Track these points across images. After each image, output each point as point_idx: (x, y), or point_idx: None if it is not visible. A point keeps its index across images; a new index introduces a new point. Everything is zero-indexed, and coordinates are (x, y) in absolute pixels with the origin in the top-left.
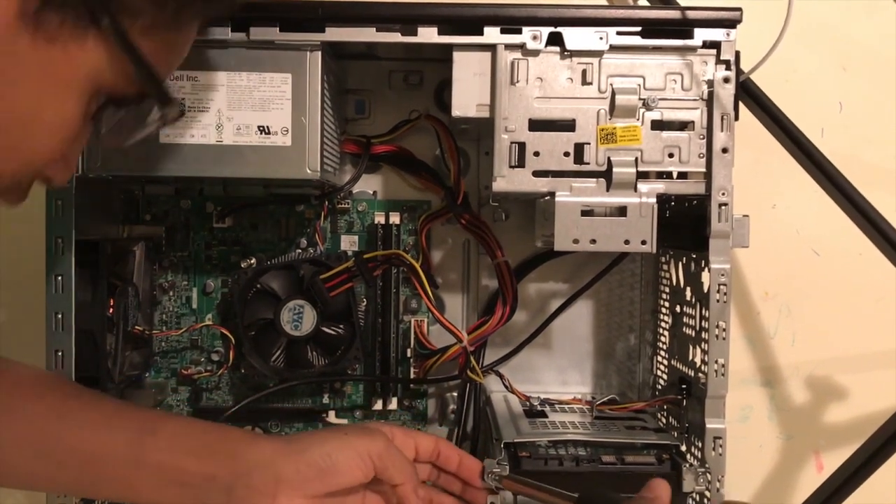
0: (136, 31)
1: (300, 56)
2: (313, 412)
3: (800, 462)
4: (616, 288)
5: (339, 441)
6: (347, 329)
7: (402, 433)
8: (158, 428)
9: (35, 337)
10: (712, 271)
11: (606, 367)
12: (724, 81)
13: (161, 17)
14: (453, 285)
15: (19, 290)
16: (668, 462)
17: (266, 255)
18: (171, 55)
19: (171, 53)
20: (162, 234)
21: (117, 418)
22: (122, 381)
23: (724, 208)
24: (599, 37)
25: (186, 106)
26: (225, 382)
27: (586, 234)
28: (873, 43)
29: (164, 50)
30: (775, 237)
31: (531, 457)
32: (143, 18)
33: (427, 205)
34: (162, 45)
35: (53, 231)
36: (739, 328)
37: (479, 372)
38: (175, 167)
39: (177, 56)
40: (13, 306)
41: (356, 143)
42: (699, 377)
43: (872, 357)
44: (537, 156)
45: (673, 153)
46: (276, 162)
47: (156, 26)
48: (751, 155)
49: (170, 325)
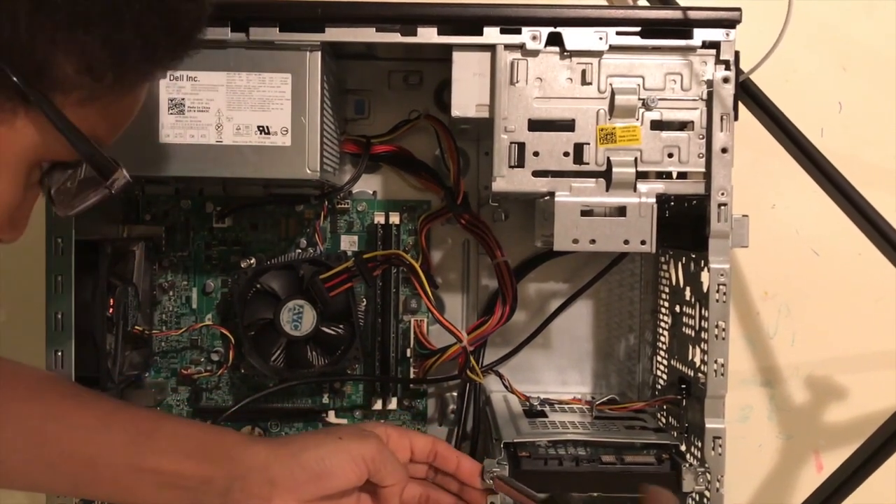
0: (71, 103)
1: (300, 56)
2: (313, 412)
3: (799, 462)
4: (616, 288)
5: (334, 445)
6: (347, 329)
7: (398, 434)
8: (155, 430)
9: (35, 337)
10: (712, 271)
11: (606, 367)
12: (724, 81)
13: (99, 87)
14: (453, 285)
15: (19, 290)
16: (667, 462)
17: (266, 255)
18: (116, 119)
19: (116, 117)
20: (162, 234)
21: (114, 420)
22: (122, 381)
23: (724, 208)
24: (599, 37)
25: (186, 106)
26: (225, 382)
27: (586, 234)
28: (873, 43)
29: (109, 115)
30: (775, 237)
31: (531, 457)
32: (77, 91)
33: (427, 205)
34: (103, 112)
35: (53, 231)
36: (739, 328)
37: (478, 372)
38: (175, 167)
39: (125, 117)
40: (13, 306)
41: (356, 143)
42: (699, 377)
43: (872, 357)
44: (537, 156)
45: (672, 153)
46: (276, 162)
47: (95, 97)
48: (750, 155)
49: (170, 325)
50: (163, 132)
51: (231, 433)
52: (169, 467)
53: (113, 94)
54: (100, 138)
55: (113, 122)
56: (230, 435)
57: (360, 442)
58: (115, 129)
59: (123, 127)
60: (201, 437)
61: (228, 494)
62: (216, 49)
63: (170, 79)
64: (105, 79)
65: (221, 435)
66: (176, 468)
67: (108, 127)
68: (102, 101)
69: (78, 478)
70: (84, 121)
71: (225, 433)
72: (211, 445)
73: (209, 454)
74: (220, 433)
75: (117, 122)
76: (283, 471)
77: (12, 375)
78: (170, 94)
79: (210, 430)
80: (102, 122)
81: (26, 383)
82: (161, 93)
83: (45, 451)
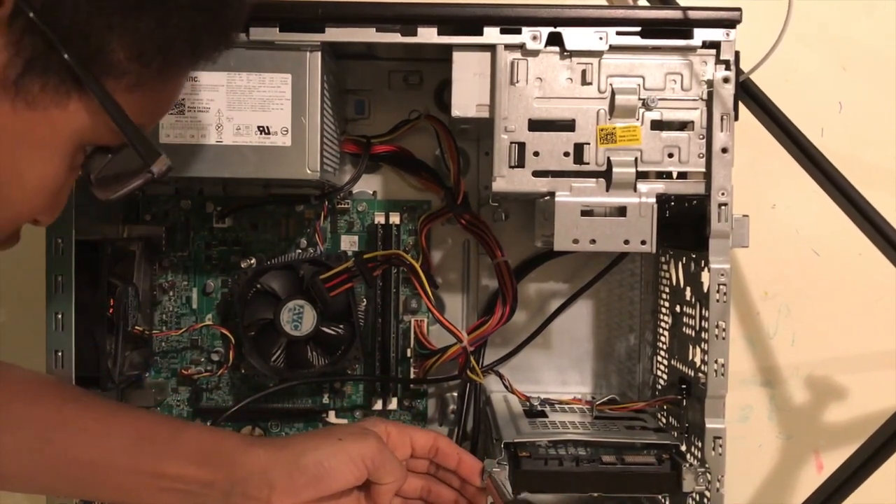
0: (121, 88)
1: (300, 56)
2: (313, 412)
3: (800, 462)
4: (616, 288)
5: (332, 447)
6: (347, 329)
7: (398, 430)
8: (156, 434)
9: (35, 337)
10: (712, 271)
11: (606, 367)
12: (724, 81)
13: (146, 74)
14: (453, 285)
15: (19, 290)
16: (667, 462)
17: (266, 255)
18: (159, 106)
19: (159, 104)
20: (162, 234)
21: (115, 423)
22: (122, 382)
23: (724, 208)
24: (599, 37)
25: (186, 106)
26: (225, 382)
27: (586, 234)
28: (873, 43)
29: (152, 102)
30: (775, 237)
31: (531, 457)
32: (127, 77)
33: (427, 205)
34: (149, 99)
35: (54, 231)
36: (739, 328)
37: (478, 372)
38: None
39: (166, 105)
40: (13, 306)
41: (356, 143)
42: (699, 377)
43: (872, 357)
44: (537, 156)
45: (672, 153)
46: (276, 162)
47: (141, 82)
48: (750, 155)
49: (170, 325)
50: (163, 132)
51: (231, 436)
52: (170, 471)
53: (158, 82)
54: (142, 124)
55: (155, 108)
56: (230, 438)
57: (359, 442)
58: (156, 115)
59: (163, 114)
60: (201, 440)
61: (229, 498)
62: None
63: None
64: (153, 65)
65: (221, 438)
66: (177, 472)
67: (151, 113)
68: (147, 88)
69: (79, 481)
70: (130, 106)
71: (225, 436)
72: (211, 449)
73: (209, 458)
74: (220, 436)
75: (159, 109)
76: (282, 474)
77: (12, 380)
78: None
79: (210, 433)
80: (146, 108)
81: (26, 387)
82: None
83: (47, 455)
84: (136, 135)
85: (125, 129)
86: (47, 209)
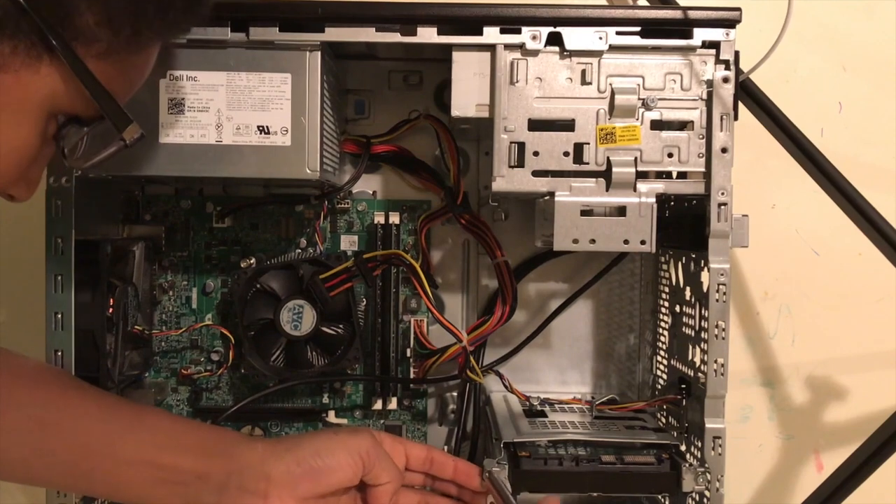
0: (92, 55)
1: (300, 56)
2: (313, 412)
3: (800, 462)
4: (616, 288)
5: (330, 440)
6: (347, 329)
7: (391, 439)
8: (155, 425)
9: (35, 337)
10: (712, 271)
11: (606, 367)
12: (724, 81)
13: (117, 41)
14: (453, 285)
15: (19, 290)
16: (667, 462)
17: (266, 255)
18: (130, 76)
19: (130, 74)
20: (162, 234)
21: (115, 412)
22: (121, 381)
23: (724, 208)
24: (599, 37)
25: (186, 106)
26: (225, 382)
27: (586, 233)
28: (873, 43)
29: (122, 72)
30: (775, 237)
31: (531, 456)
32: (98, 44)
33: (427, 205)
34: (119, 68)
35: (53, 231)
36: (739, 328)
37: (478, 372)
38: (175, 167)
39: (137, 76)
40: (13, 306)
41: (356, 143)
42: (699, 377)
43: (872, 357)
44: (537, 156)
45: (672, 153)
46: (276, 162)
47: (112, 51)
48: (750, 155)
49: (169, 325)
50: (162, 132)
51: (229, 431)
52: (166, 461)
53: (127, 51)
54: (115, 93)
55: (127, 79)
56: (228, 433)
57: (355, 437)
58: (128, 87)
59: (136, 87)
60: (200, 433)
61: (224, 491)
62: (216, 49)
63: (169, 79)
64: (123, 32)
65: (220, 432)
66: (173, 462)
67: (123, 84)
68: (118, 57)
69: (75, 468)
70: (102, 75)
71: (223, 431)
72: (209, 441)
73: (207, 450)
74: (218, 431)
75: (131, 80)
76: (279, 465)
77: (15, 364)
78: (169, 94)
79: (209, 427)
80: (117, 77)
81: (29, 373)
82: (161, 93)
83: (45, 438)
84: (106, 101)
85: (95, 94)
86: (19, 180)
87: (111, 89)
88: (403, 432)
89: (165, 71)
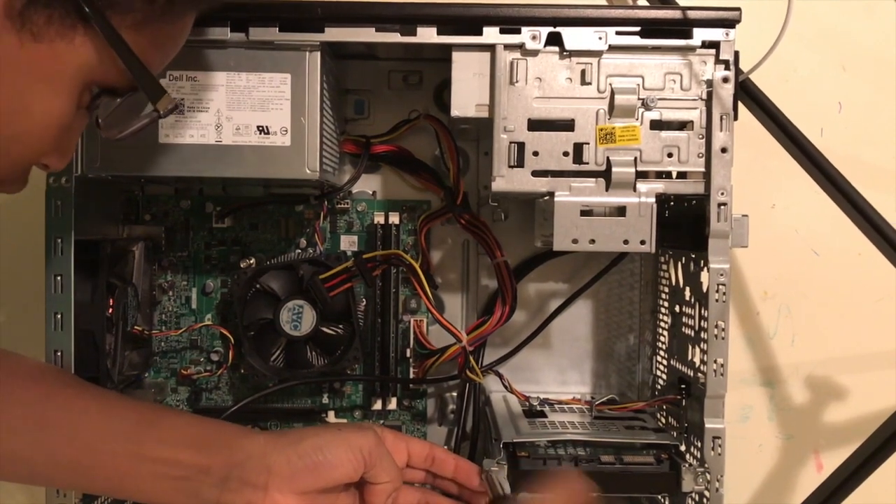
0: (126, 25)
1: (299, 56)
2: (313, 412)
3: (800, 462)
4: (616, 288)
5: (332, 435)
6: (347, 329)
7: (394, 436)
8: (156, 420)
9: (35, 337)
10: (711, 271)
11: (606, 367)
12: (724, 81)
13: (151, 11)
14: (453, 285)
15: (19, 290)
16: (667, 462)
17: (266, 255)
18: (164, 48)
19: (163, 46)
20: (162, 234)
21: (115, 408)
22: (121, 381)
23: (724, 208)
24: (598, 37)
25: (186, 106)
26: (224, 382)
27: (585, 233)
28: (873, 43)
29: (156, 43)
30: (774, 237)
31: (530, 457)
32: (132, 14)
33: (426, 205)
34: (153, 39)
35: (53, 231)
36: (739, 328)
37: (478, 372)
38: (175, 167)
39: (171, 47)
40: (13, 306)
41: (356, 143)
42: (698, 377)
43: (872, 357)
44: (536, 156)
45: (672, 153)
46: (276, 162)
47: (146, 21)
48: (750, 155)
49: (169, 325)
50: (162, 132)
51: (230, 425)
52: (167, 455)
53: (162, 21)
54: (149, 65)
55: (161, 50)
56: (229, 426)
57: (358, 434)
58: (162, 57)
59: (170, 57)
60: (201, 427)
61: (225, 484)
62: (216, 49)
63: (169, 79)
64: (157, 1)
65: (221, 426)
66: (174, 456)
67: (157, 55)
68: (152, 27)
69: (77, 464)
70: (136, 45)
71: (224, 425)
72: (210, 435)
73: (208, 443)
74: (219, 425)
75: (165, 50)
76: (280, 458)
77: (15, 364)
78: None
79: (210, 422)
80: (152, 48)
81: (28, 371)
82: None
83: (46, 435)
84: (141, 71)
85: (129, 65)
86: (56, 149)
87: (145, 60)
88: (403, 432)
89: (165, 71)
